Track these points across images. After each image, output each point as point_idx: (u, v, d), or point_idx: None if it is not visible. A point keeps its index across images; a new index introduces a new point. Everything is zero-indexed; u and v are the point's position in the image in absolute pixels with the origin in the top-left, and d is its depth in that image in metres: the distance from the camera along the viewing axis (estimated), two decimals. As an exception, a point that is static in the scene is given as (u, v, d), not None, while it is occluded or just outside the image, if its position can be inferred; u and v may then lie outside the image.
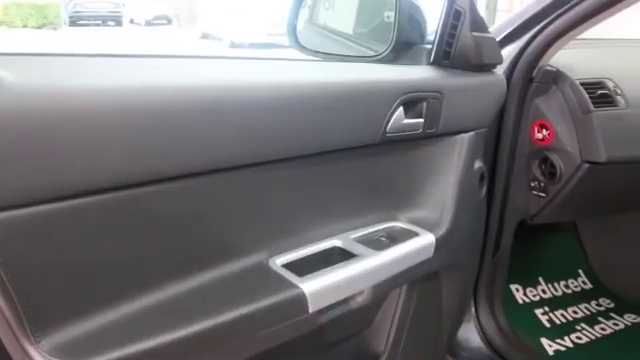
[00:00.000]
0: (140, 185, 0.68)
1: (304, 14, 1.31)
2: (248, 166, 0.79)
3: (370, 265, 0.91)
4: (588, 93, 1.28)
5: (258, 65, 0.93)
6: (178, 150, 0.70)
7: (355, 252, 0.93)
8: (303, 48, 1.22)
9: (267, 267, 0.85)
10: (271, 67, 0.94)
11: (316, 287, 0.83)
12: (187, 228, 0.76)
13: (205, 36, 15.92)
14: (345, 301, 0.91)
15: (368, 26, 1.32)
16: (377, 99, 0.93)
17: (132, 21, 20.59)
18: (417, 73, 1.06)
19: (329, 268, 0.87)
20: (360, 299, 0.93)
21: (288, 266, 0.86)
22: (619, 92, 1.32)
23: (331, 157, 0.90)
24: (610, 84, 1.32)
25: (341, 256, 0.93)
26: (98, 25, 18.86)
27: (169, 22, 21.05)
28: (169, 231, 0.74)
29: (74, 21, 18.67)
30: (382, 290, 0.99)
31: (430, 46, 1.11)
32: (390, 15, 1.14)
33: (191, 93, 0.72)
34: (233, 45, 13.38)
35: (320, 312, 0.86)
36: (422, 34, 1.15)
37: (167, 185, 0.71)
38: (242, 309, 0.76)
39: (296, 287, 0.82)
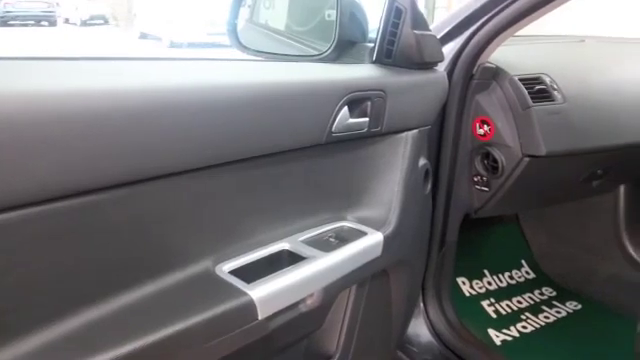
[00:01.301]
0: (75, 196, 0.65)
1: (244, 13, 1.28)
2: (191, 171, 0.76)
3: (320, 267, 0.90)
4: (526, 88, 1.31)
5: (198, 66, 0.90)
6: (114, 157, 0.67)
7: (304, 254, 0.92)
8: (244, 48, 1.19)
9: (214, 275, 0.83)
10: (211, 68, 0.91)
11: (265, 293, 0.81)
12: (127, 238, 0.72)
13: (144, 36, 15.57)
14: (295, 305, 0.90)
15: (309, 25, 1.31)
16: (322, 99, 0.92)
17: (67, 21, 19.90)
18: (360, 72, 1.05)
19: (278, 272, 0.85)
20: (310, 302, 0.92)
21: (236, 272, 0.84)
22: (555, 87, 1.36)
23: (277, 159, 0.89)
24: (547, 79, 1.36)
25: (290, 259, 0.91)
26: (31, 25, 18.14)
27: (106, 22, 20.45)
28: (109, 242, 0.71)
29: (5, 21, 17.88)
30: (332, 291, 0.98)
31: (372, 44, 1.11)
32: (331, 14, 1.13)
33: (125, 97, 0.68)
34: (173, 45, 13.14)
35: (270, 318, 0.84)
36: (364, 32, 1.15)
37: (106, 194, 0.68)
38: (190, 320, 0.74)
39: (244, 294, 0.79)
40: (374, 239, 1.02)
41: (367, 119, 1.00)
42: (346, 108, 0.95)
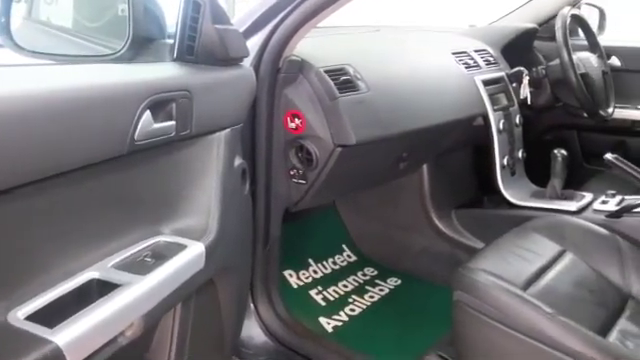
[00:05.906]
0: None
1: (20, 9, 1.12)
2: None
3: (137, 293, 0.81)
4: (332, 80, 1.33)
5: None
6: None
7: (117, 282, 0.81)
8: (21, 49, 1.03)
9: (6, 324, 0.69)
10: None
11: (73, 336, 0.70)
12: None
13: None
14: (114, 340, 0.79)
15: (100, 21, 1.19)
16: (119, 104, 0.83)
17: None
18: (161, 71, 0.97)
19: (87, 308, 0.74)
20: (131, 333, 0.82)
21: (34, 317, 0.71)
22: (359, 77, 1.40)
23: (71, 177, 0.77)
24: (351, 70, 1.40)
25: (101, 289, 0.80)
26: None
27: None
28: None
29: None
30: (155, 315, 0.89)
31: (172, 41, 1.04)
32: (124, 8, 1.03)
33: None
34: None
35: None
36: (161, 28, 1.07)
37: None
38: None
39: (47, 342, 0.67)
40: (195, 251, 0.95)
41: (173, 122, 0.93)
42: (148, 112, 0.86)
